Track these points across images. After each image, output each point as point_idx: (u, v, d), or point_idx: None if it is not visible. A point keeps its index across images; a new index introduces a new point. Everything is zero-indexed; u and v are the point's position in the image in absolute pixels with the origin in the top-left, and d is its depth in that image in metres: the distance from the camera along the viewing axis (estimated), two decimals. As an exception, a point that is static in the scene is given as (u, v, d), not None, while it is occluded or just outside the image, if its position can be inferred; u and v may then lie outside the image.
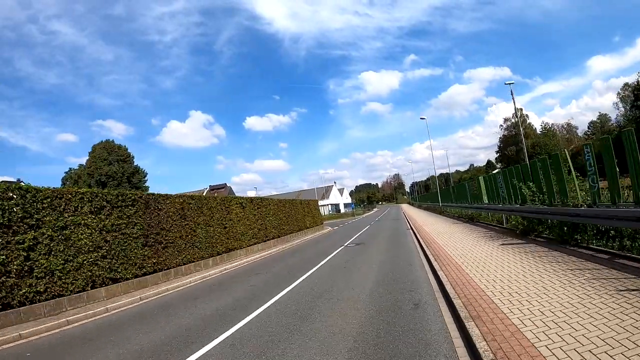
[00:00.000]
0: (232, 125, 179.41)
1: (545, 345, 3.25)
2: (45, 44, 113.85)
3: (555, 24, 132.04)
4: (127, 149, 63.20)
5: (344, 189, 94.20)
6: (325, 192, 73.33)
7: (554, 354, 3.06)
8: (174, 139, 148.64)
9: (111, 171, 58.51)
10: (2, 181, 9.05)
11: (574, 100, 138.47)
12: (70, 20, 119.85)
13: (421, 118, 30.75)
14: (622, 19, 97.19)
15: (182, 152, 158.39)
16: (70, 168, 60.80)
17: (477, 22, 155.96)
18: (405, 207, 64.98)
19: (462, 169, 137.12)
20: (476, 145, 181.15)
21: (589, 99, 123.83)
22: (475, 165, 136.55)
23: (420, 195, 76.40)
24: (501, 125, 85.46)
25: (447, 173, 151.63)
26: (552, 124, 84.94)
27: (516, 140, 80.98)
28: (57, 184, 58.19)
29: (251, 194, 73.62)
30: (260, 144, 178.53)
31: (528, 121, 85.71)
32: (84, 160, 61.81)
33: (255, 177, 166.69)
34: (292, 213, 21.59)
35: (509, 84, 27.05)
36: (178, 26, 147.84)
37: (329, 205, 66.48)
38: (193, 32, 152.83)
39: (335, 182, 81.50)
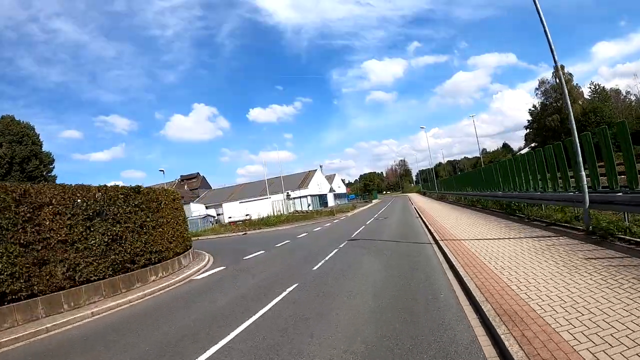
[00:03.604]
0: (236, 118, 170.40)
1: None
2: (47, 42, 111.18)
3: (559, 9, 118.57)
4: (32, 127, 45.87)
5: (335, 175, 74.86)
6: (304, 179, 54.92)
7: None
8: (178, 133, 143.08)
9: (-7, 155, 41.16)
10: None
11: (580, 86, 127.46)
12: (71, 18, 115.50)
13: None
14: (627, 4, 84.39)
15: (187, 145, 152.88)
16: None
17: (480, 9, 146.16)
18: (417, 200, 46.32)
19: (470, 156, 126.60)
20: (482, 133, 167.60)
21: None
22: (487, 151, 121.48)
23: (444, 179, 56.24)
24: (536, 89, 66.26)
25: (454, 160, 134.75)
26: (603, 86, 65.08)
27: (559, 107, 61.85)
28: (63, 180, 42.59)
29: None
30: (265, 135, 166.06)
31: (573, 82, 66.05)
32: (87, 156, 45.14)
33: (260, 169, 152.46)
34: None
35: None
36: (179, 20, 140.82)
37: (308, 197, 48.80)
38: (195, 25, 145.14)
39: (321, 166, 62.84)
